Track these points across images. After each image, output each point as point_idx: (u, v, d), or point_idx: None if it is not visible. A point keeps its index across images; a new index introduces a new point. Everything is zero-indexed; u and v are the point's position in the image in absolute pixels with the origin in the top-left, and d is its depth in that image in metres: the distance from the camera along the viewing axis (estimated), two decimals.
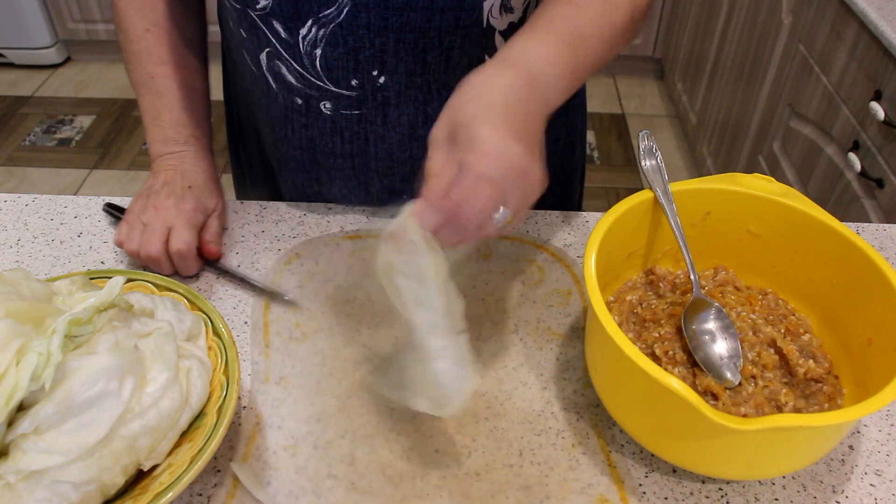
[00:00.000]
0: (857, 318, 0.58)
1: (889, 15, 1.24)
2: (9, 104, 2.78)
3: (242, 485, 0.55)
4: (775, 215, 0.62)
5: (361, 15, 0.65)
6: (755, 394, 0.54)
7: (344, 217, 0.80)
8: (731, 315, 0.60)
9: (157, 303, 0.58)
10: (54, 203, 0.81)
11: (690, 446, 0.51)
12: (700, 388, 0.55)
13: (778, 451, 0.50)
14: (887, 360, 0.52)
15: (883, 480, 0.57)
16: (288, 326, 0.67)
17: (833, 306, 0.61)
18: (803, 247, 0.61)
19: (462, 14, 0.67)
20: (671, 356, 0.56)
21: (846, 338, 0.59)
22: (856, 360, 0.58)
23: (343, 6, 0.65)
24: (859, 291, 0.58)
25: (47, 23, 2.84)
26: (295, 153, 0.80)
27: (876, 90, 1.26)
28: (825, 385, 0.57)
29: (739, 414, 0.53)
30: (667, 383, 0.46)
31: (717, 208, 0.63)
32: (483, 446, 0.58)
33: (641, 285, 0.65)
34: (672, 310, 0.60)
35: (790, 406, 0.54)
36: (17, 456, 0.46)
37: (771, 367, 0.57)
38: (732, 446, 0.50)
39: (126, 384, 0.49)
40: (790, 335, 0.60)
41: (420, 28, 0.67)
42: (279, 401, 0.61)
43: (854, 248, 0.57)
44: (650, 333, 0.59)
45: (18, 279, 0.53)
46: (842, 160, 1.41)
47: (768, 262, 0.64)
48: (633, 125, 2.66)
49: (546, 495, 0.55)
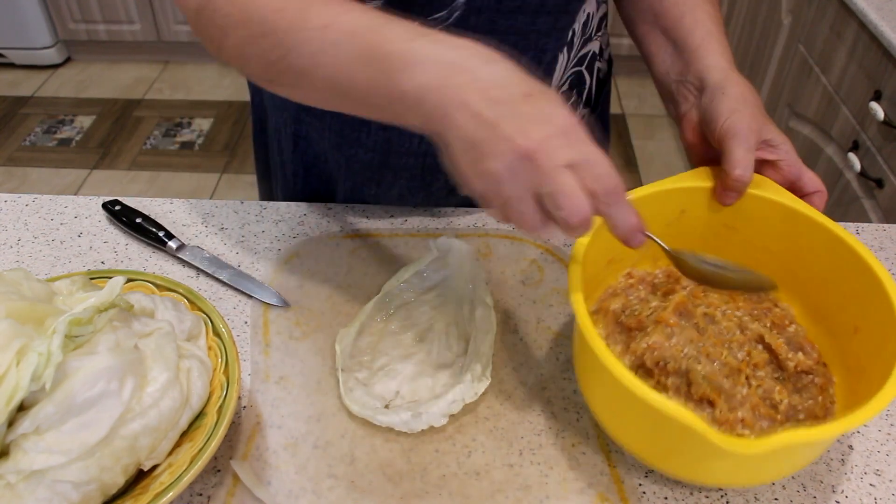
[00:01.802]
0: (841, 306, 0.58)
1: (888, 15, 1.24)
2: (9, 104, 2.78)
3: (243, 484, 0.55)
4: (750, 208, 0.61)
5: (471, 18, 0.65)
6: (750, 396, 0.54)
7: (344, 217, 0.80)
8: (717, 314, 0.59)
9: (157, 303, 0.58)
10: (55, 203, 0.81)
11: (692, 465, 0.51)
12: (696, 397, 0.54)
13: (779, 461, 0.50)
14: (877, 349, 0.52)
15: (882, 480, 0.57)
16: (288, 326, 0.67)
17: (815, 295, 0.61)
18: (781, 239, 0.61)
19: (562, 17, 0.68)
20: (662, 367, 0.55)
21: (831, 325, 0.59)
22: (843, 348, 0.58)
23: (455, 9, 0.64)
24: (841, 279, 0.57)
25: (48, 23, 2.84)
26: (365, 155, 0.78)
27: (875, 90, 1.26)
28: (816, 376, 0.56)
29: (737, 419, 0.52)
30: (668, 411, 0.45)
31: (690, 206, 0.62)
32: (483, 446, 0.58)
33: (622, 290, 0.64)
34: (657, 315, 0.59)
35: (785, 404, 0.54)
36: (17, 456, 0.46)
37: (762, 365, 0.56)
38: (736, 464, 0.49)
39: (126, 384, 0.49)
40: (776, 328, 0.59)
41: (523, 31, 0.67)
42: (279, 400, 0.61)
43: (831, 235, 0.57)
44: (638, 344, 0.57)
45: (19, 279, 0.53)
46: (841, 160, 1.41)
47: (747, 256, 0.63)
48: (633, 125, 2.66)
49: (546, 495, 0.55)
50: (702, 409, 0.54)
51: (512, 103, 0.44)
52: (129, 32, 2.87)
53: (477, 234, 0.78)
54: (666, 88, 0.70)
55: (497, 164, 0.44)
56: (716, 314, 0.59)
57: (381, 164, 0.78)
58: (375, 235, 0.77)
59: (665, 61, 0.69)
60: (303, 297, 0.70)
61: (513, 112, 0.43)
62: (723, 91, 0.61)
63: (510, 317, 0.69)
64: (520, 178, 0.44)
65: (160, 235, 0.74)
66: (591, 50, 0.78)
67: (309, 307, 0.69)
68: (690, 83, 0.65)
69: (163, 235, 0.74)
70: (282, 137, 0.85)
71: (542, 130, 0.43)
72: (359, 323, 0.65)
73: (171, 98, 2.82)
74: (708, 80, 0.63)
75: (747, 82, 0.62)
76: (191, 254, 0.74)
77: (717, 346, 0.57)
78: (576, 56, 0.75)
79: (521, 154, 0.43)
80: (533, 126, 0.43)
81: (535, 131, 0.43)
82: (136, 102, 2.80)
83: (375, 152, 0.77)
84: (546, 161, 0.43)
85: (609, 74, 0.87)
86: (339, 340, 0.64)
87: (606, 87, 0.87)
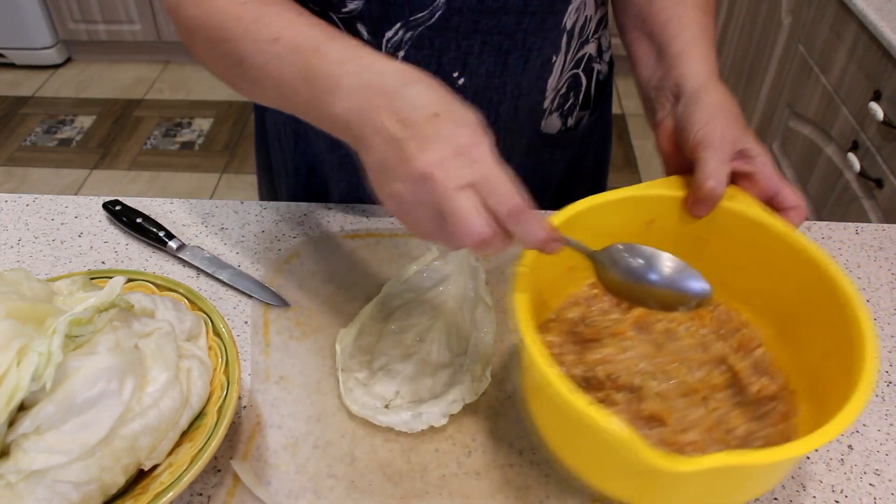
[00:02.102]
0: (813, 330, 0.54)
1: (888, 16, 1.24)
2: (9, 104, 2.78)
3: (243, 484, 0.55)
4: (722, 221, 0.57)
5: (453, 18, 0.65)
6: (704, 418, 0.51)
7: (344, 217, 0.80)
8: (679, 330, 0.57)
9: (157, 303, 0.58)
10: (55, 203, 0.81)
11: (630, 485, 0.48)
12: (645, 414, 0.51)
13: (725, 486, 0.46)
14: (843, 377, 0.48)
15: (882, 480, 0.57)
16: (288, 325, 0.67)
17: (787, 317, 0.57)
18: (754, 255, 0.57)
19: (549, 17, 0.68)
20: (614, 380, 0.53)
21: (802, 350, 0.55)
22: (812, 375, 0.54)
23: (437, 9, 0.64)
24: (813, 301, 0.54)
25: (48, 23, 2.85)
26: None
27: (875, 90, 1.26)
28: (779, 403, 0.53)
29: (686, 441, 0.49)
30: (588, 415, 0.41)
31: (661, 216, 0.59)
32: (483, 446, 0.58)
33: (584, 301, 0.61)
34: (615, 328, 0.56)
35: (741, 429, 0.51)
36: (18, 456, 0.46)
37: (721, 388, 0.54)
38: (673, 485, 0.45)
39: (126, 384, 0.49)
40: (742, 350, 0.56)
41: (508, 31, 0.67)
42: (279, 400, 0.61)
43: (806, 255, 0.53)
44: (592, 354, 0.55)
45: (19, 279, 0.53)
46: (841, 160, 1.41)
47: (719, 272, 0.58)
48: (633, 125, 2.66)
49: (546, 495, 0.55)
50: (651, 428, 0.50)
51: (418, 125, 0.44)
52: (130, 32, 2.87)
53: None
54: (646, 95, 0.68)
55: (399, 186, 0.45)
56: (678, 330, 0.57)
57: None
58: (375, 235, 0.77)
59: (648, 67, 0.68)
60: (303, 297, 0.70)
61: (416, 133, 0.44)
62: (698, 99, 0.59)
63: (510, 317, 0.69)
64: (420, 199, 0.44)
65: (160, 235, 0.74)
66: (587, 52, 0.78)
67: (309, 307, 0.69)
68: (669, 90, 0.64)
69: (163, 235, 0.74)
70: (282, 136, 0.86)
71: (440, 151, 0.43)
72: (359, 323, 0.65)
73: (171, 98, 2.82)
74: (685, 87, 0.61)
75: (726, 91, 0.60)
76: (191, 254, 0.74)
77: (675, 364, 0.54)
78: (573, 59, 0.75)
79: (419, 175, 0.43)
80: (432, 147, 0.43)
81: (434, 152, 0.43)
82: (137, 102, 2.80)
83: None
84: (444, 182, 0.43)
85: (610, 76, 0.87)
86: (339, 340, 0.64)
87: (607, 89, 0.87)
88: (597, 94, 0.84)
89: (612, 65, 0.86)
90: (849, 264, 0.76)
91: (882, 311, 0.71)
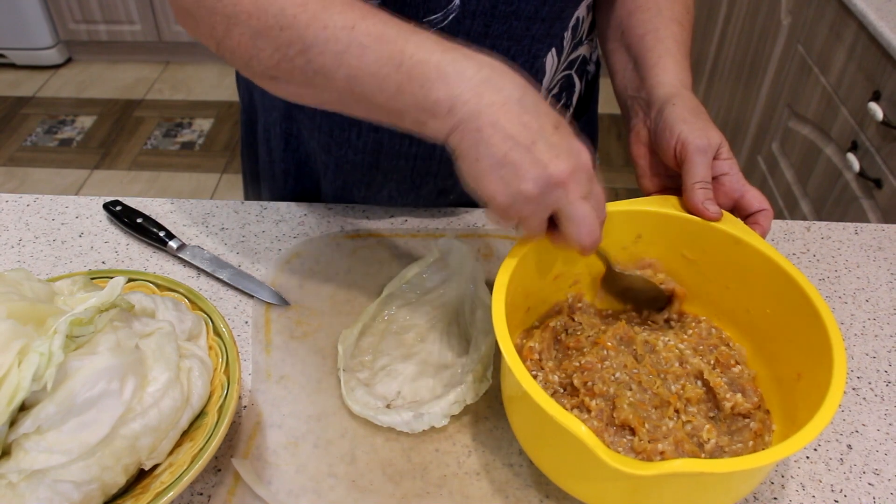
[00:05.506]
0: (789, 351, 0.56)
1: (888, 16, 1.24)
2: (10, 105, 2.78)
3: (243, 483, 0.55)
4: (708, 240, 0.59)
5: (466, 21, 0.65)
6: (675, 430, 0.52)
7: (344, 217, 0.80)
8: (658, 344, 0.58)
9: (158, 303, 0.58)
10: (55, 203, 0.81)
11: (595, 488, 0.49)
12: (618, 422, 0.52)
13: (685, 495, 0.47)
14: (812, 399, 0.49)
15: (881, 479, 0.57)
16: (289, 325, 0.67)
17: (767, 337, 0.58)
18: (737, 274, 0.59)
19: (556, 23, 0.69)
20: (589, 387, 0.54)
21: (779, 370, 0.57)
22: (786, 395, 0.55)
23: (451, 12, 0.64)
24: (791, 323, 0.55)
25: (48, 23, 2.85)
26: (355, 157, 0.78)
27: (874, 90, 1.27)
28: (753, 421, 0.54)
29: (656, 450, 0.50)
30: (555, 416, 0.44)
31: (648, 231, 0.61)
32: (483, 446, 0.58)
33: (567, 309, 0.63)
34: (597, 338, 0.57)
35: (712, 443, 0.52)
36: (19, 455, 0.46)
37: (695, 402, 0.55)
38: (632, 489, 0.47)
39: (127, 384, 0.49)
40: (720, 367, 0.57)
41: (517, 36, 0.68)
42: (280, 399, 0.61)
43: (787, 277, 0.55)
44: (571, 362, 0.56)
45: (20, 279, 0.53)
46: (840, 160, 1.41)
47: (703, 289, 0.61)
48: None
49: (546, 495, 0.55)
50: (622, 436, 0.52)
51: (543, 132, 0.48)
52: (130, 33, 2.87)
53: (477, 234, 0.78)
54: (622, 103, 0.71)
55: (530, 186, 0.48)
56: (657, 343, 0.58)
57: (372, 165, 0.78)
58: (376, 235, 0.78)
59: (625, 77, 0.71)
60: (304, 296, 0.70)
61: (545, 141, 0.48)
62: (673, 103, 0.61)
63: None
64: (547, 201, 0.49)
65: (161, 235, 0.75)
66: (581, 54, 0.78)
67: (310, 307, 0.69)
68: (642, 98, 0.66)
69: (163, 235, 0.75)
70: (271, 136, 0.86)
71: (571, 162, 0.49)
72: (361, 323, 0.65)
73: (171, 98, 2.82)
74: (657, 96, 0.63)
75: (697, 101, 0.63)
76: (191, 254, 0.74)
77: (652, 376, 0.55)
78: (566, 60, 0.76)
79: (554, 181, 0.48)
80: (564, 156, 0.48)
81: (566, 162, 0.48)
82: (137, 103, 2.80)
83: (366, 154, 0.77)
84: (574, 190, 0.49)
85: (597, 76, 0.87)
86: (341, 341, 0.64)
87: (595, 89, 0.88)
88: (586, 94, 0.84)
89: (598, 65, 0.87)
90: (848, 264, 0.76)
91: (881, 311, 0.71)
